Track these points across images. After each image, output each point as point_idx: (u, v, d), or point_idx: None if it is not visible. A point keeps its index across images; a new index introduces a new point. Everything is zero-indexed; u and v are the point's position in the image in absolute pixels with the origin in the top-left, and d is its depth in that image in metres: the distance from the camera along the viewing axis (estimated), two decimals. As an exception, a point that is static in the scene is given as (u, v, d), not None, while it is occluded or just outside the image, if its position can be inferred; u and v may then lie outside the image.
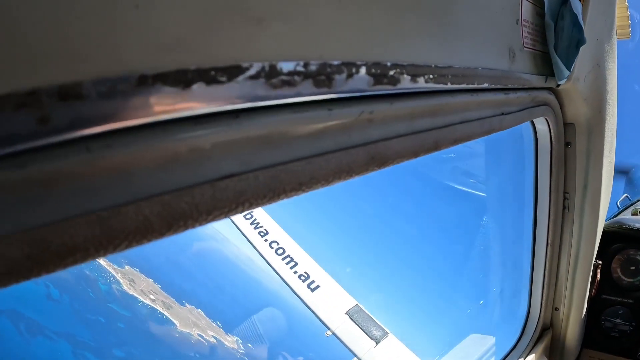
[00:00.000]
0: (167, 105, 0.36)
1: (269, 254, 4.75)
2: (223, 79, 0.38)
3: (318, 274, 4.48)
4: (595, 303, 2.22)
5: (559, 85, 1.26)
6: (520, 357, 1.89)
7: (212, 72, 0.38)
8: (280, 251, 4.78)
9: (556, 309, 1.98)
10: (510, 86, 0.95)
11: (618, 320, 2.21)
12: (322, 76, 0.47)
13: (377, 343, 3.78)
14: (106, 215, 0.35)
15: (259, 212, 5.35)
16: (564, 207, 1.71)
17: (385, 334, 3.87)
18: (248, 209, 0.47)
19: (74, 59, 0.30)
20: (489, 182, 2.06)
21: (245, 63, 0.40)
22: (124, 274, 7.53)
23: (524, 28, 1.01)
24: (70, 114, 0.31)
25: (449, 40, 0.69)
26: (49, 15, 0.29)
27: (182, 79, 0.36)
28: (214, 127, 0.41)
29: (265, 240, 4.88)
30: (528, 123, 1.47)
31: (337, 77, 0.48)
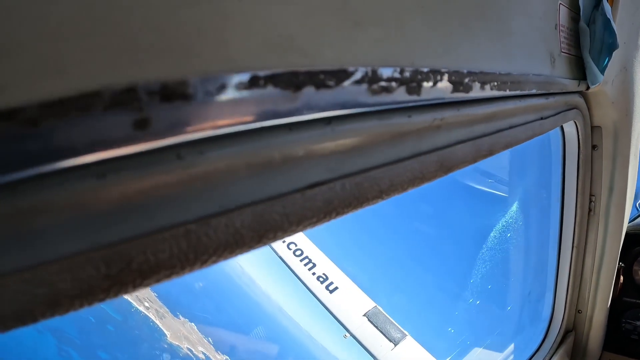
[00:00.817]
0: (274, 108, 0.34)
1: (288, 256, 4.77)
2: (331, 83, 0.38)
3: (336, 275, 4.50)
4: (616, 305, 2.22)
5: (589, 88, 1.28)
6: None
7: (322, 76, 0.37)
8: (298, 252, 4.79)
9: (579, 311, 1.99)
10: (551, 91, 0.97)
11: (639, 323, 2.21)
12: (414, 83, 0.48)
13: (395, 345, 3.79)
14: (194, 228, 0.32)
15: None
16: (590, 210, 1.72)
17: (404, 335, 3.88)
18: (335, 218, 0.45)
19: (180, 54, 0.28)
20: (515, 184, 2.07)
21: (351, 67, 0.40)
22: (120, 277, 7.52)
23: (561, 33, 1.03)
24: (172, 116, 0.28)
25: (507, 47, 0.71)
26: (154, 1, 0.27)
27: (293, 82, 0.35)
28: (308, 133, 0.40)
29: (283, 241, 4.89)
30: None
31: (424, 84, 0.50)
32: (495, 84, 0.65)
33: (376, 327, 4.00)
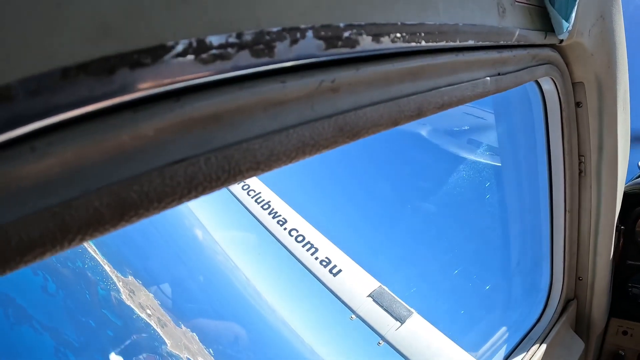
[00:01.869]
0: (95, 96, 0.35)
1: (290, 242, 4.73)
2: (147, 60, 0.36)
3: (339, 258, 4.46)
4: (620, 270, 2.15)
5: (561, 41, 1.20)
6: (544, 330, 1.84)
7: (135, 56, 0.35)
8: (300, 238, 4.75)
9: (580, 278, 1.92)
10: (502, 43, 0.90)
11: None
12: (260, 45, 0.42)
13: (402, 323, 3.77)
14: (58, 210, 0.35)
15: (276, 201, 5.32)
16: (580, 171, 1.64)
17: (410, 313, 3.85)
18: (202, 194, 0.44)
19: None
20: (498, 147, 1.99)
21: (170, 41, 0.37)
22: (125, 284, 7.54)
23: (514, -21, 0.95)
24: (3, 115, 0.30)
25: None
26: None
27: (104, 67, 0.34)
28: (154, 112, 0.39)
29: (285, 228, 4.86)
30: (533, 84, 1.40)
31: (278, 44, 0.44)
32: (399, 35, 0.58)
33: (381, 306, 3.97)
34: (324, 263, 4.46)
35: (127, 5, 0.35)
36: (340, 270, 4.37)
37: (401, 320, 3.82)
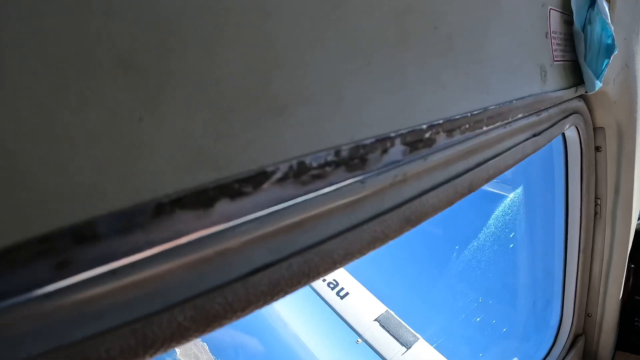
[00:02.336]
0: (191, 229, 0.33)
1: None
2: (248, 189, 0.36)
3: (347, 281, 4.46)
4: (627, 305, 2.16)
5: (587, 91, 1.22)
6: (553, 366, 1.85)
7: (236, 185, 0.35)
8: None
9: (589, 315, 1.94)
10: (542, 108, 0.91)
11: None
12: (355, 160, 0.43)
13: (408, 348, 3.77)
14: (139, 327, 0.34)
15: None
16: (596, 213, 1.66)
17: (416, 338, 3.86)
18: (282, 297, 0.44)
19: (82, 195, 0.29)
20: (520, 190, 2.01)
21: (271, 167, 0.37)
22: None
23: (553, 40, 0.97)
24: (88, 254, 0.30)
25: (482, 78, 0.65)
26: (49, 148, 0.27)
27: (202, 200, 0.33)
28: (242, 229, 0.38)
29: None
30: (556, 131, 1.42)
31: (370, 156, 0.45)
32: (467, 126, 0.59)
33: (388, 331, 3.97)
34: (332, 285, 4.47)
35: (221, 129, 0.35)
36: (347, 293, 4.37)
37: (407, 345, 3.82)
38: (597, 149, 1.53)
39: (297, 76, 0.38)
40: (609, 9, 1.17)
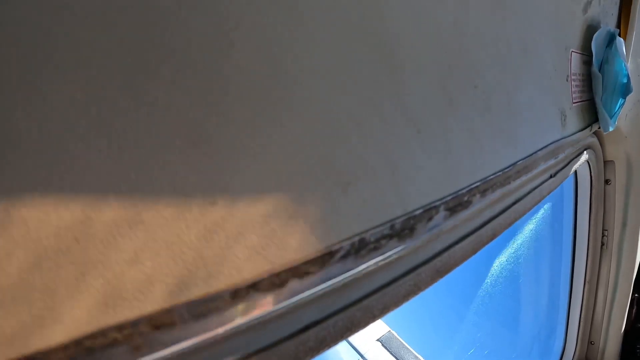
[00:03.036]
0: (263, 307, 0.35)
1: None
2: (314, 269, 0.38)
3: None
4: (630, 333, 2.18)
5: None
6: (555, 394, 1.87)
7: (304, 267, 0.37)
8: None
9: (592, 342, 1.95)
10: (560, 153, 0.93)
11: None
12: (405, 230, 0.45)
13: (409, 370, 3.75)
14: None
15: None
16: (603, 244, 1.68)
17: (418, 360, 3.83)
18: (327, 349, 0.46)
19: (161, 285, 0.30)
20: (528, 220, 2.03)
21: (336, 245, 0.39)
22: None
23: (573, 83, 0.99)
24: (164, 339, 0.31)
25: (513, 133, 0.68)
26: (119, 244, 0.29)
27: (275, 282, 0.35)
28: (302, 300, 0.40)
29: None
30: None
31: (419, 225, 0.47)
32: (499, 183, 0.61)
33: (390, 351, 3.94)
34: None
35: (292, 210, 0.37)
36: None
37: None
38: (607, 181, 1.55)
39: (358, 150, 0.41)
40: (625, 47, 1.20)
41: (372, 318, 0.49)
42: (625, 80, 1.16)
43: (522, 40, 0.71)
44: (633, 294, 1.94)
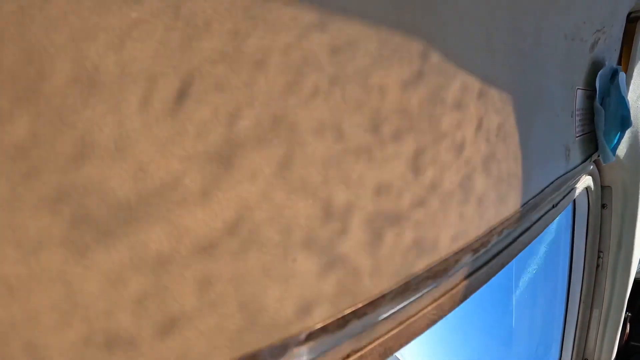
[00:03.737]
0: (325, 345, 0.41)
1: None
2: (370, 310, 0.43)
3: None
4: (623, 351, 2.24)
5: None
6: (550, 409, 1.92)
7: (363, 309, 0.42)
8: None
9: (586, 359, 2.01)
10: (564, 187, 0.99)
11: None
12: (439, 272, 0.51)
13: (414, 393, 3.78)
14: None
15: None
16: (598, 266, 1.74)
17: (421, 383, 3.86)
18: None
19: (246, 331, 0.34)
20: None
21: (387, 289, 0.44)
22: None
23: (577, 118, 1.05)
24: None
25: (525, 176, 0.73)
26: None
27: (341, 324, 0.40)
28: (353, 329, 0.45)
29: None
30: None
31: (450, 267, 0.53)
32: (514, 221, 0.67)
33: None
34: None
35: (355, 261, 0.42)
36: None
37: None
38: (603, 206, 1.62)
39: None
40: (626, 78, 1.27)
41: (400, 346, 0.55)
42: (625, 114, 1.23)
43: (538, 86, 0.77)
44: (626, 313, 2.00)
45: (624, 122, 1.23)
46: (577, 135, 1.06)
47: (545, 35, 0.77)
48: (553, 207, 1.02)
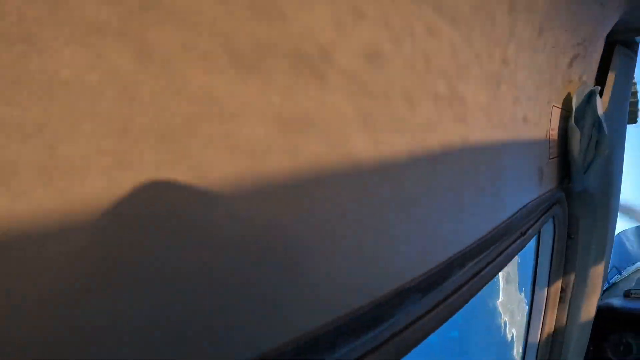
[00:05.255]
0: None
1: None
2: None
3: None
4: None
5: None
6: None
7: None
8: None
9: (548, 394, 1.94)
10: (534, 212, 0.91)
11: None
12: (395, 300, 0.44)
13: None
14: None
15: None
16: (560, 299, 1.68)
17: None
18: None
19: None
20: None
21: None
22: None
23: (551, 137, 0.98)
24: None
25: (498, 199, 0.65)
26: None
27: None
28: None
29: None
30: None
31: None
32: (478, 250, 0.58)
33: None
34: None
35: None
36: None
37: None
38: (570, 236, 1.55)
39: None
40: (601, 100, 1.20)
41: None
42: (601, 139, 1.16)
43: (514, 97, 0.69)
44: (589, 347, 1.95)
45: (599, 145, 1.16)
46: (551, 157, 0.98)
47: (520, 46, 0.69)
48: (521, 235, 0.93)
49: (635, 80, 1.67)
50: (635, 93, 1.68)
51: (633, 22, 1.28)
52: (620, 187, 1.63)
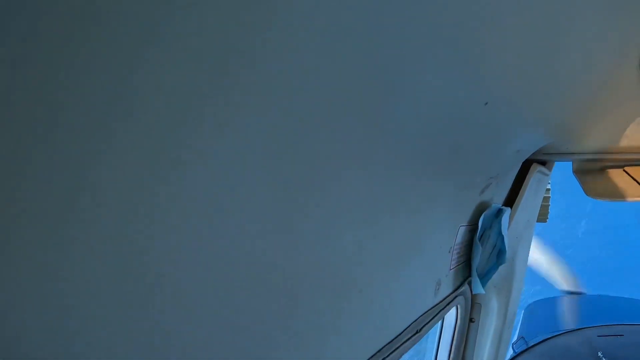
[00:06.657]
0: None
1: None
2: None
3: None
4: None
5: (471, 279, 1.40)
6: None
7: None
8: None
9: None
10: (432, 315, 1.07)
11: None
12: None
13: None
14: None
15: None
16: (459, 375, 1.83)
17: None
18: None
19: None
20: None
21: None
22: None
23: (454, 253, 1.14)
24: None
25: (386, 321, 0.79)
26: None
27: None
28: None
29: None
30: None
31: None
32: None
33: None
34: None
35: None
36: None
37: None
38: (471, 320, 1.72)
39: None
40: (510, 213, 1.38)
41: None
42: (502, 249, 1.35)
43: (423, 226, 0.84)
44: None
45: (500, 256, 1.35)
46: (452, 268, 1.15)
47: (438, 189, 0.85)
48: (417, 332, 1.09)
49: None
50: (547, 198, 1.88)
51: (552, 148, 1.45)
52: (524, 273, 1.81)
